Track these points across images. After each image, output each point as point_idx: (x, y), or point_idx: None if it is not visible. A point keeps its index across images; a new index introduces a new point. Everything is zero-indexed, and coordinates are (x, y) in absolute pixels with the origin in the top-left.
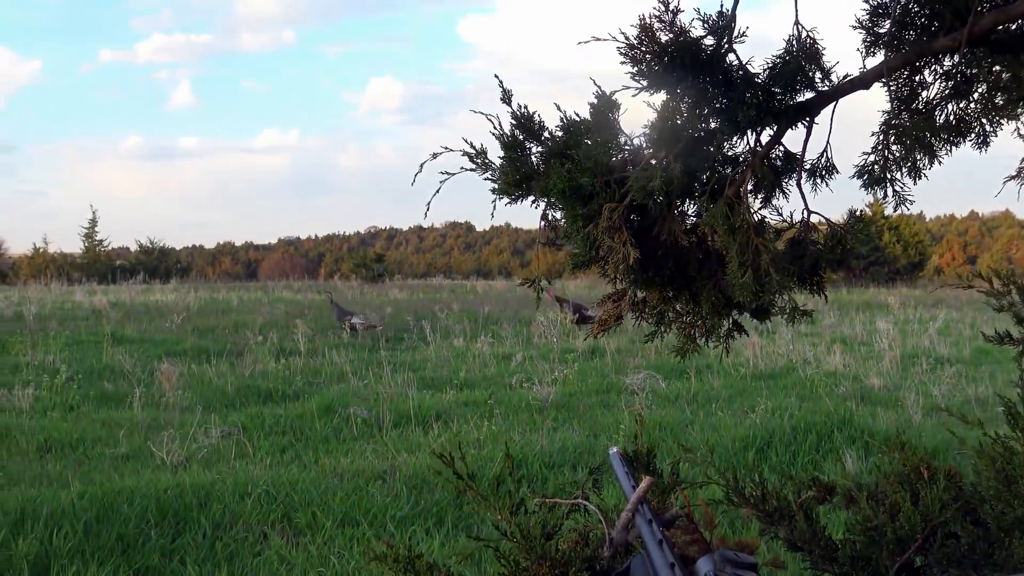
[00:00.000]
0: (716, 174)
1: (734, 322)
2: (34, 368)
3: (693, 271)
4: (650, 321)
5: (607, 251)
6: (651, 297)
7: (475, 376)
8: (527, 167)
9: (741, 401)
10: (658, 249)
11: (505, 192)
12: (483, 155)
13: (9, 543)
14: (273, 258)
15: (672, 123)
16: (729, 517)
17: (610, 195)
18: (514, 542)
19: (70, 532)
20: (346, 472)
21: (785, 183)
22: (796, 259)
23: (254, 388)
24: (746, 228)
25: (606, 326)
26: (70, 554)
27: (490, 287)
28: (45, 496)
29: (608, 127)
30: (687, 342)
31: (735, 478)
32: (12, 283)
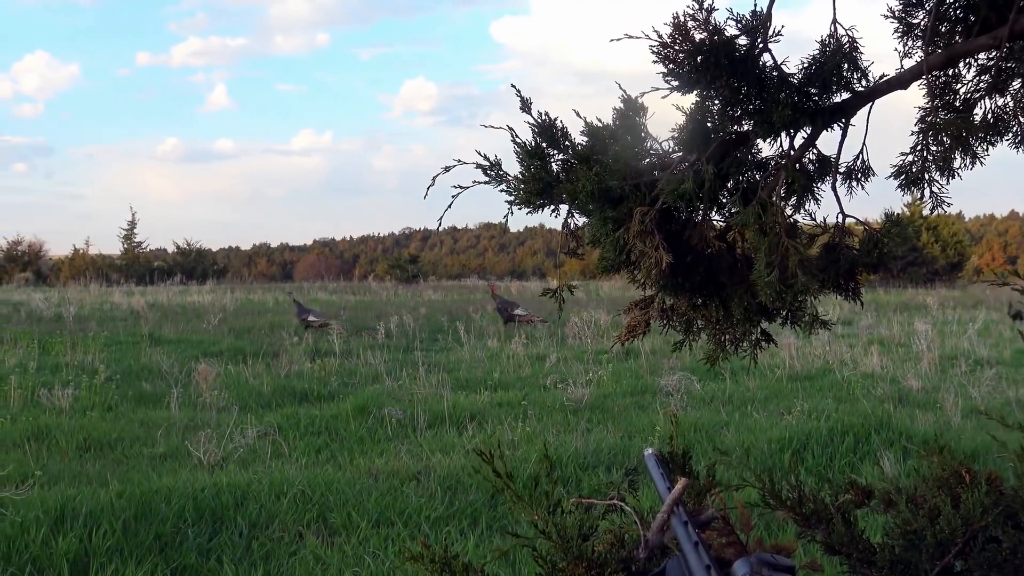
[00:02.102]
0: (748, 177)
1: (763, 331)
2: (73, 368)
3: (724, 277)
4: (678, 329)
5: (638, 256)
6: (679, 304)
7: (509, 377)
8: (549, 175)
9: (777, 403)
10: (688, 254)
11: (525, 202)
12: (497, 167)
13: (49, 541)
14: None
15: (703, 125)
16: (765, 520)
17: (640, 198)
18: (551, 542)
19: (109, 531)
20: (381, 472)
21: (818, 187)
22: (831, 264)
23: (290, 388)
24: (778, 230)
25: (634, 333)
26: (109, 552)
27: (524, 288)
28: (84, 495)
29: (634, 131)
30: (716, 350)
31: (771, 480)
32: (52, 284)
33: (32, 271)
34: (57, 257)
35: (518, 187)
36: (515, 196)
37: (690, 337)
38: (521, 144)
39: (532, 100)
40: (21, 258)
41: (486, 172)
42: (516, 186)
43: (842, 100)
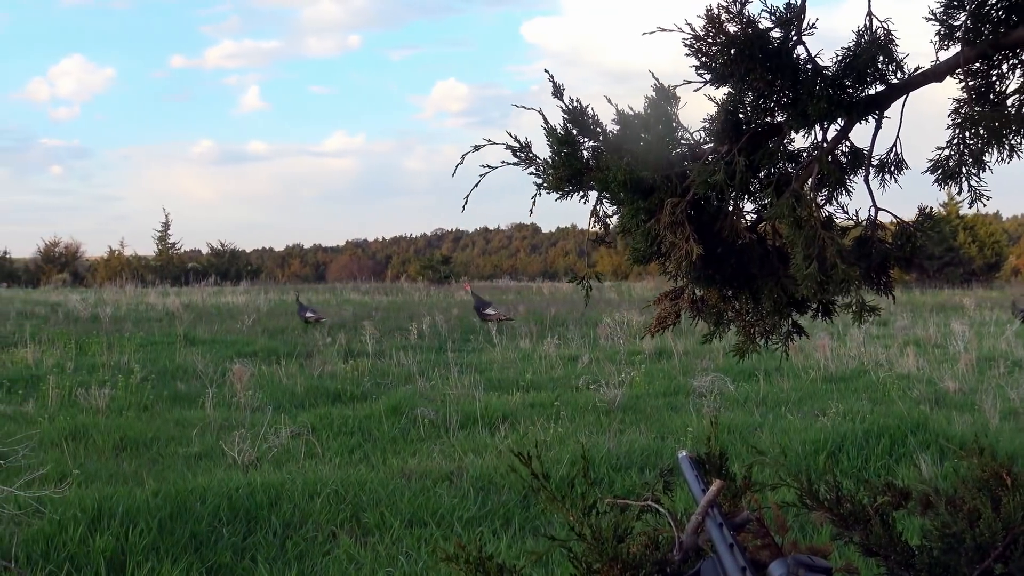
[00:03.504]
0: (780, 169)
1: (794, 323)
2: (110, 368)
3: (755, 269)
4: (708, 320)
5: (669, 247)
6: (710, 296)
7: (541, 378)
8: (578, 162)
9: (811, 404)
10: (718, 246)
11: (555, 187)
12: (527, 149)
13: (87, 539)
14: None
15: (736, 116)
16: (800, 522)
17: (671, 189)
18: (586, 543)
19: (145, 529)
20: (414, 473)
21: (851, 179)
22: (863, 257)
23: (323, 389)
24: (813, 222)
25: (664, 324)
26: (145, 551)
27: (556, 289)
28: (121, 494)
29: (666, 121)
30: (746, 342)
31: (808, 481)
32: (89, 285)
33: (69, 272)
34: (93, 258)
35: (547, 171)
36: (544, 180)
37: (720, 329)
38: (551, 129)
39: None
40: (58, 259)
41: (515, 153)
42: (545, 170)
43: (876, 92)
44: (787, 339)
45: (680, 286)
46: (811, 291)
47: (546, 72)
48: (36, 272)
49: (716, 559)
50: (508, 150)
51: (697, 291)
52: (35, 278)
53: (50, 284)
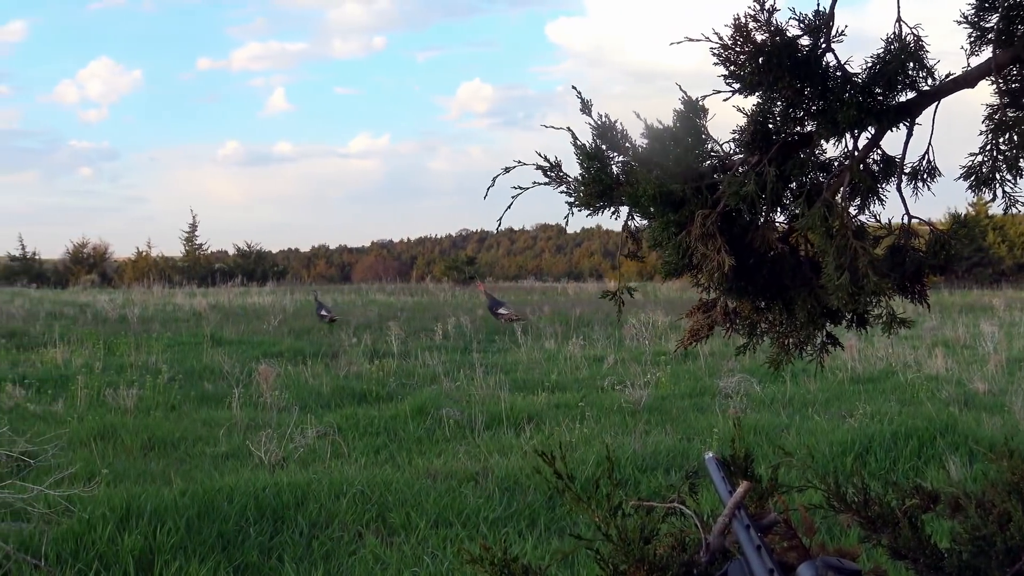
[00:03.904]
0: (811, 178)
1: (828, 334)
2: (138, 368)
3: (787, 279)
4: (741, 332)
5: (701, 259)
6: (743, 307)
7: (567, 378)
8: (609, 177)
9: (838, 405)
10: (750, 257)
11: (585, 204)
12: (557, 168)
13: (116, 538)
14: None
15: (765, 126)
16: (827, 524)
17: (701, 201)
18: (612, 544)
19: (173, 528)
20: (439, 473)
21: (883, 187)
22: (897, 266)
23: (349, 389)
24: (845, 232)
25: (697, 337)
26: (173, 550)
27: (581, 289)
28: (149, 493)
29: (695, 133)
30: (781, 353)
31: (836, 483)
32: (117, 286)
33: (97, 273)
34: (121, 259)
35: (578, 189)
36: (575, 198)
37: (753, 340)
38: (581, 146)
39: (591, 102)
40: (87, 260)
41: (546, 173)
42: (576, 188)
43: (907, 99)
44: (822, 350)
45: (712, 298)
46: (842, 302)
47: (574, 88)
48: (65, 273)
49: (743, 561)
50: (539, 170)
51: (730, 303)
52: (64, 279)
53: (79, 285)
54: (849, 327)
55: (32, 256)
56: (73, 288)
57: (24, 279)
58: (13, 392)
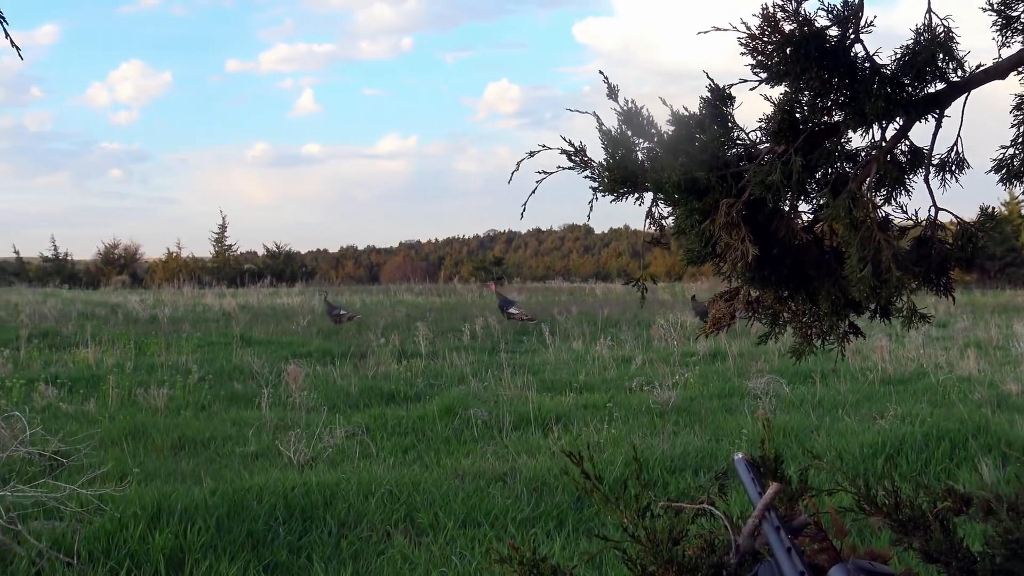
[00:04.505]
0: (837, 169)
1: (850, 324)
2: (168, 368)
3: (811, 270)
4: (763, 321)
5: (724, 248)
6: (765, 297)
7: (594, 379)
8: (633, 163)
9: (869, 406)
10: (774, 247)
11: (609, 189)
12: (581, 153)
13: (147, 536)
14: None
15: (792, 116)
16: (857, 526)
17: (726, 190)
18: (641, 545)
19: (203, 527)
20: (467, 473)
21: (910, 179)
22: (922, 258)
23: (377, 389)
24: (869, 223)
25: (719, 325)
26: (203, 548)
27: (609, 290)
28: (179, 492)
29: (722, 121)
30: (803, 343)
31: (866, 485)
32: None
33: (128, 274)
34: (152, 260)
35: (602, 174)
36: (599, 183)
37: (776, 330)
38: (606, 131)
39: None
40: (118, 261)
41: (570, 157)
42: (600, 173)
43: (936, 90)
44: (843, 339)
45: (735, 287)
46: (864, 294)
47: (600, 73)
48: (96, 274)
49: (773, 563)
50: (563, 155)
51: (752, 292)
52: (95, 279)
53: (110, 285)
54: (872, 318)
55: (64, 257)
56: (104, 288)
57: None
58: (46, 392)
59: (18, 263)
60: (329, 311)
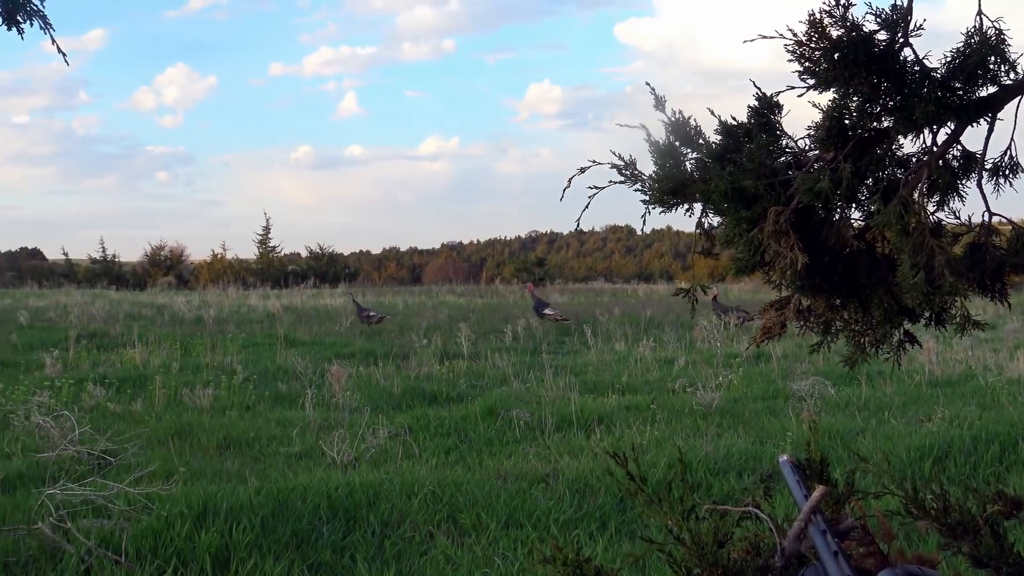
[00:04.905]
0: (888, 175)
1: (906, 332)
2: (213, 369)
3: (863, 277)
4: (815, 330)
5: (773, 256)
6: (817, 305)
7: (637, 380)
8: (682, 174)
9: (916, 409)
10: (825, 255)
11: (659, 201)
12: (632, 166)
13: (193, 535)
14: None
15: (841, 122)
16: (905, 530)
17: (774, 198)
18: (686, 548)
19: (248, 526)
20: (509, 474)
21: (963, 184)
22: (976, 264)
23: (419, 390)
24: (921, 229)
25: (770, 335)
26: (248, 547)
27: (651, 291)
28: (225, 491)
29: (769, 129)
30: (856, 352)
31: (914, 489)
32: (193, 287)
33: (174, 275)
34: (197, 261)
35: (652, 186)
36: (650, 195)
37: (828, 339)
38: (655, 143)
39: (665, 98)
40: (164, 262)
41: (621, 172)
42: (651, 185)
43: (988, 94)
44: (899, 349)
45: (786, 296)
46: (917, 301)
47: (647, 84)
48: (143, 275)
49: (820, 566)
50: (613, 169)
51: (804, 301)
52: (142, 281)
53: (156, 286)
54: (927, 326)
55: (112, 259)
56: (151, 290)
57: (104, 281)
58: (94, 391)
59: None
60: (358, 312)
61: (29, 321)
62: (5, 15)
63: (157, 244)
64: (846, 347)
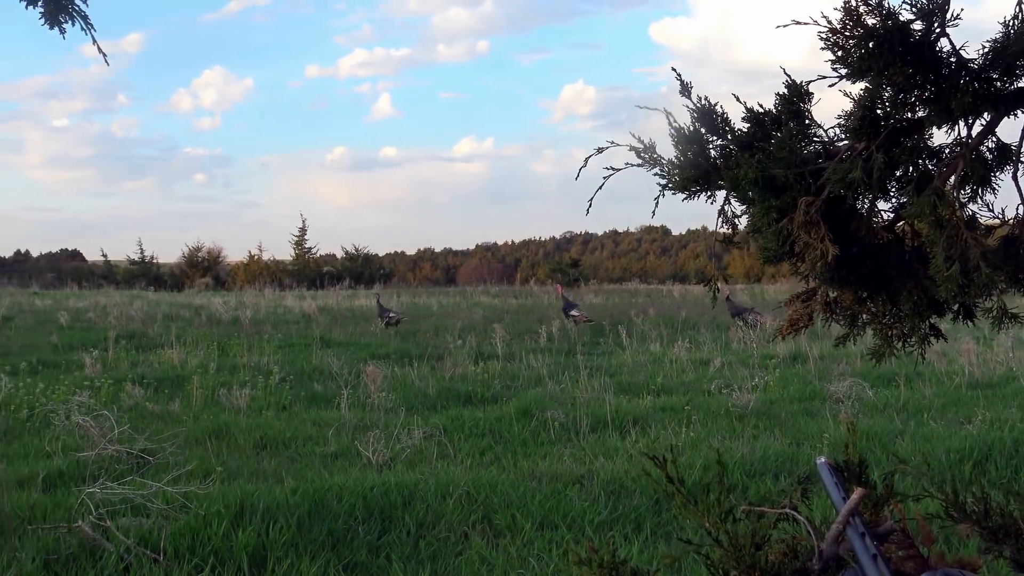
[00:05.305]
0: (920, 166)
1: (931, 325)
2: (250, 369)
3: (892, 270)
4: (842, 323)
5: (803, 247)
6: (844, 297)
7: (672, 382)
8: (706, 161)
9: (955, 411)
10: (854, 246)
11: (681, 188)
12: (651, 149)
13: (230, 534)
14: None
15: (873, 112)
16: (944, 534)
17: (804, 188)
18: (723, 550)
19: (284, 526)
20: (544, 475)
21: (997, 176)
22: (1010, 258)
23: (454, 391)
24: (955, 222)
25: (796, 327)
26: (284, 547)
27: (687, 292)
28: (261, 491)
29: (799, 117)
30: (883, 345)
31: (954, 491)
32: (230, 288)
33: (211, 276)
34: (234, 262)
35: (672, 171)
36: (668, 180)
37: (854, 331)
38: (678, 128)
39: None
40: (201, 264)
41: (639, 155)
42: (670, 170)
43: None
44: (924, 342)
45: (812, 287)
46: (951, 294)
47: (673, 70)
48: (180, 276)
49: (858, 569)
50: (632, 151)
51: (831, 293)
52: (179, 282)
53: (194, 287)
54: (955, 319)
55: (150, 260)
56: (188, 290)
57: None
58: (133, 391)
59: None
60: (380, 313)
61: (69, 322)
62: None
63: (194, 245)
64: (873, 340)
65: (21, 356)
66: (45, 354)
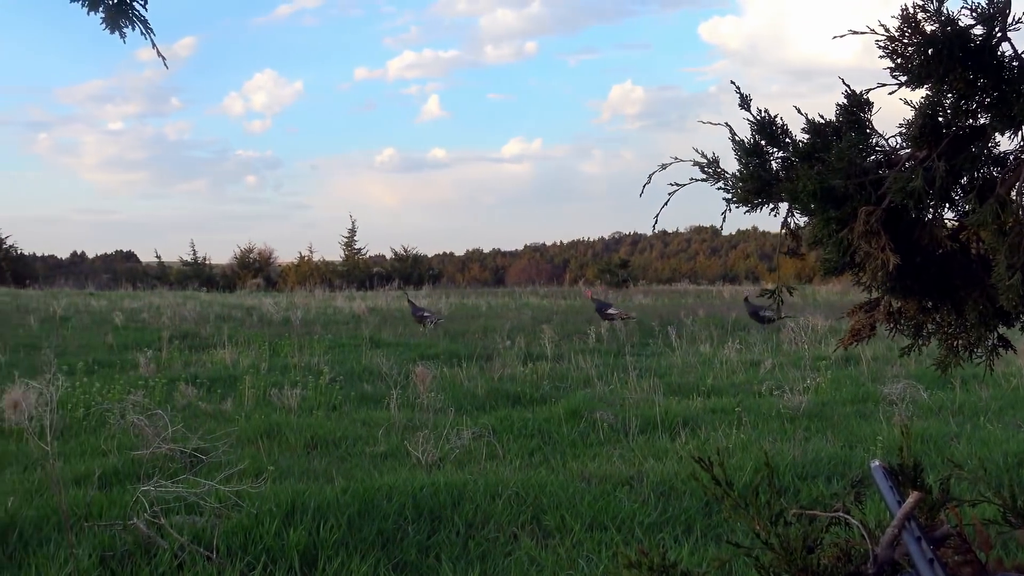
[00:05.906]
0: (983, 173)
1: (999, 336)
2: (301, 369)
3: (957, 279)
4: (906, 333)
5: (863, 257)
6: (907, 307)
7: (722, 383)
8: (767, 173)
9: (1013, 414)
10: (917, 255)
11: (744, 200)
12: (715, 164)
13: (281, 533)
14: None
15: (934, 119)
16: (1002, 539)
17: (865, 197)
18: (774, 553)
19: (335, 525)
20: (593, 476)
21: None
22: None
23: (503, 391)
24: (1019, 229)
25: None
26: (335, 546)
27: (737, 292)
28: (312, 490)
29: (859, 127)
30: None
31: (1012, 496)
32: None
33: (263, 277)
34: (284, 263)
35: (736, 185)
36: (733, 194)
37: (919, 342)
38: (739, 142)
39: (751, 96)
40: (252, 265)
41: (703, 170)
42: (734, 184)
43: None
44: (992, 353)
45: (875, 297)
46: (1012, 303)
47: (732, 84)
48: (232, 277)
49: (914, 574)
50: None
51: (894, 303)
52: (231, 282)
53: (245, 288)
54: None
55: (203, 261)
56: (240, 291)
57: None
58: (186, 391)
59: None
60: (413, 311)
61: (124, 322)
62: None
63: (246, 246)
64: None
65: (78, 356)
66: (101, 354)
